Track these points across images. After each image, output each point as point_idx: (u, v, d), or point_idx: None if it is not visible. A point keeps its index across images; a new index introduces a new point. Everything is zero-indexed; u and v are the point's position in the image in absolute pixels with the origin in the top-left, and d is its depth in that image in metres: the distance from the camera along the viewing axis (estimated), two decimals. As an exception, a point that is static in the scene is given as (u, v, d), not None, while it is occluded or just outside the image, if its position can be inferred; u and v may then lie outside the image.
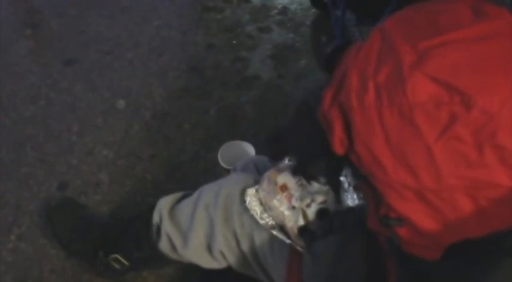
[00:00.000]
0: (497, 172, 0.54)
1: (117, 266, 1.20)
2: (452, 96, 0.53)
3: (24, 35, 1.98)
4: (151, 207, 1.16)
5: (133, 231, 1.18)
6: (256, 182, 1.00)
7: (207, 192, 1.07)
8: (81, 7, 2.10)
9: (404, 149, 0.56)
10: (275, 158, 1.01)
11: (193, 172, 1.53)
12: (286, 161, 0.97)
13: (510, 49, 0.55)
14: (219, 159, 1.37)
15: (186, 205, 1.10)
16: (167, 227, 1.10)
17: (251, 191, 0.97)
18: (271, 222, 0.95)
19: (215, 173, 1.43)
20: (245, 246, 1.00)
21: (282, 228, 0.94)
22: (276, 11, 2.14)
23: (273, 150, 1.02)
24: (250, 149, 1.41)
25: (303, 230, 0.91)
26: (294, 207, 0.93)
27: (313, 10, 2.12)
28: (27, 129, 1.63)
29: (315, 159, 0.88)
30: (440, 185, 0.56)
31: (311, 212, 0.91)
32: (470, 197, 0.56)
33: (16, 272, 1.29)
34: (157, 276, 1.29)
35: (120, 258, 1.19)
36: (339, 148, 0.65)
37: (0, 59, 1.86)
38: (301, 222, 0.91)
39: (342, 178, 0.90)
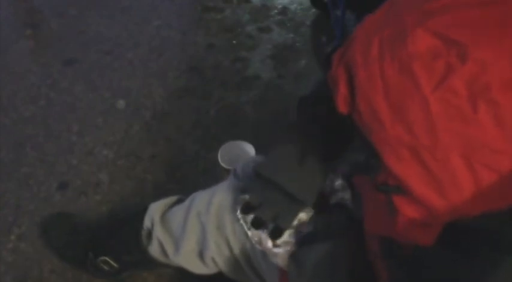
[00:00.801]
0: (491, 132, 0.54)
1: (106, 267, 1.21)
2: (449, 48, 0.54)
3: (24, 35, 1.98)
4: (142, 211, 1.16)
5: (123, 234, 1.18)
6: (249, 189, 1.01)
7: (199, 199, 1.07)
8: (81, 7, 2.10)
9: (402, 103, 0.57)
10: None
11: (193, 172, 1.53)
12: None
13: (510, 12, 0.56)
14: (219, 159, 1.37)
15: (178, 212, 1.10)
16: (159, 233, 1.11)
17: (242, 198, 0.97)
18: (257, 236, 0.95)
19: (215, 173, 1.43)
20: (238, 253, 1.00)
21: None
22: (276, 11, 2.14)
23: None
24: (250, 149, 1.41)
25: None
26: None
27: (313, 10, 2.12)
28: (27, 129, 1.63)
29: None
30: (435, 141, 0.56)
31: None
32: (465, 160, 0.55)
33: (16, 272, 1.29)
34: (157, 276, 1.29)
35: (109, 260, 1.20)
36: (342, 106, 0.66)
37: (0, 59, 1.86)
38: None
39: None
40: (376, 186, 0.67)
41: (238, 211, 0.96)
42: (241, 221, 0.95)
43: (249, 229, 0.92)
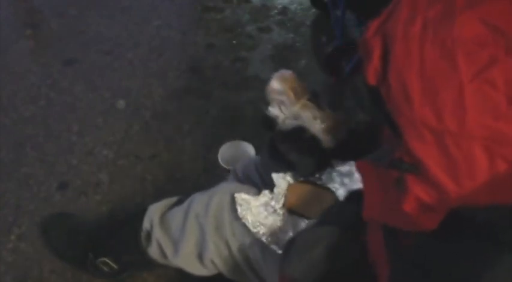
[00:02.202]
0: None
1: (105, 268, 1.21)
2: (497, 39, 0.53)
3: (24, 35, 1.98)
4: (142, 212, 1.16)
5: (123, 235, 1.18)
6: (247, 190, 1.02)
7: (198, 201, 1.07)
8: (81, 7, 2.10)
9: (436, 85, 0.56)
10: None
11: (193, 172, 1.53)
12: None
13: None
14: (219, 159, 1.38)
15: (177, 213, 1.10)
16: (158, 235, 1.11)
17: (240, 198, 0.98)
18: (262, 231, 0.95)
19: (215, 173, 1.43)
20: (237, 254, 1.01)
21: (273, 236, 0.95)
22: (276, 11, 2.14)
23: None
24: (250, 149, 1.41)
25: None
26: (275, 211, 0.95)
27: (313, 10, 2.12)
28: (27, 129, 1.63)
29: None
30: (462, 130, 0.55)
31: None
32: (488, 152, 0.55)
33: (16, 272, 1.29)
34: (157, 277, 1.29)
35: (108, 261, 1.20)
36: (372, 77, 0.64)
37: (0, 59, 1.86)
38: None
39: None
40: (391, 163, 0.66)
41: (239, 209, 0.96)
42: (243, 220, 0.96)
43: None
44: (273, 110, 0.99)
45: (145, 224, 1.14)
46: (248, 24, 2.07)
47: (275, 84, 0.98)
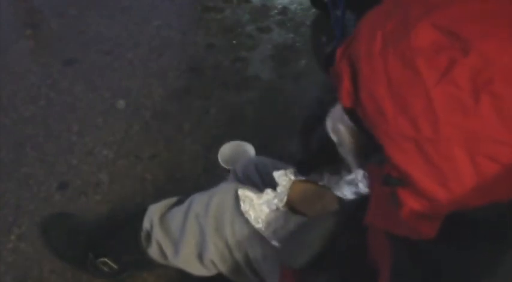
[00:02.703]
0: (492, 124, 0.55)
1: (105, 268, 1.21)
2: (452, 42, 0.55)
3: (24, 35, 1.98)
4: (142, 212, 1.16)
5: (123, 235, 1.18)
6: (248, 189, 1.02)
7: (198, 201, 1.07)
8: (81, 7, 2.10)
9: (404, 96, 0.58)
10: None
11: (193, 172, 1.53)
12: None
13: (508, 6, 0.57)
14: (219, 159, 1.38)
15: (177, 214, 1.10)
16: (158, 235, 1.11)
17: (243, 194, 0.98)
18: (264, 227, 0.96)
19: (215, 173, 1.43)
20: (237, 254, 1.01)
21: (274, 233, 0.95)
22: (276, 11, 2.14)
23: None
24: (250, 149, 1.41)
25: None
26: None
27: (313, 10, 2.12)
28: (27, 129, 1.63)
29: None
30: (437, 135, 0.56)
31: None
32: (468, 152, 0.56)
33: (16, 272, 1.29)
34: (157, 277, 1.29)
35: (108, 261, 1.20)
36: (346, 100, 0.66)
37: (0, 59, 1.86)
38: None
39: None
40: (382, 179, 0.67)
41: (242, 204, 0.96)
42: (245, 215, 0.96)
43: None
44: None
45: (145, 224, 1.14)
46: (248, 24, 2.07)
47: (341, 129, 0.95)
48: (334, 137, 0.90)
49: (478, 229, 0.63)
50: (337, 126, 0.89)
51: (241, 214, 0.98)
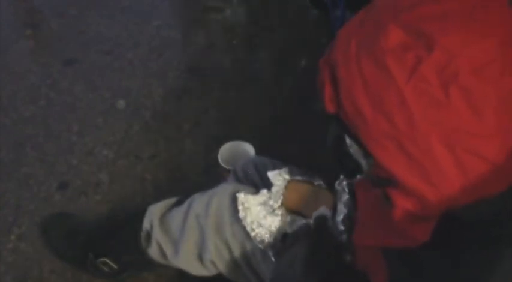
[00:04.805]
0: (464, 116, 0.56)
1: (105, 269, 1.21)
2: (417, 40, 0.58)
3: (24, 35, 1.98)
4: (142, 212, 1.16)
5: (123, 235, 1.19)
6: (246, 190, 1.01)
7: (198, 202, 1.07)
8: (81, 7, 2.09)
9: (380, 96, 0.60)
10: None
11: (193, 172, 1.53)
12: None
13: (475, 4, 0.60)
14: (219, 160, 1.37)
15: (177, 214, 1.10)
16: (158, 235, 1.11)
17: (241, 198, 0.98)
18: (260, 232, 0.96)
19: (215, 173, 1.43)
20: (238, 255, 1.01)
21: (270, 238, 0.95)
22: (275, 11, 2.14)
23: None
24: (250, 149, 1.41)
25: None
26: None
27: (313, 10, 2.11)
28: (27, 129, 1.63)
29: None
30: (414, 130, 0.58)
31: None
32: (447, 146, 0.57)
33: (16, 272, 1.29)
34: (157, 276, 1.29)
35: (108, 261, 1.20)
36: (329, 105, 0.69)
37: (0, 59, 1.86)
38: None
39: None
40: (372, 181, 0.69)
41: (240, 211, 0.96)
42: (243, 222, 0.96)
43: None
44: None
45: (145, 224, 1.14)
46: (248, 24, 2.07)
47: None
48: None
49: (472, 231, 0.63)
50: None
51: (239, 219, 0.98)
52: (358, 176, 0.84)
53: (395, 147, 0.60)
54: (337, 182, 0.92)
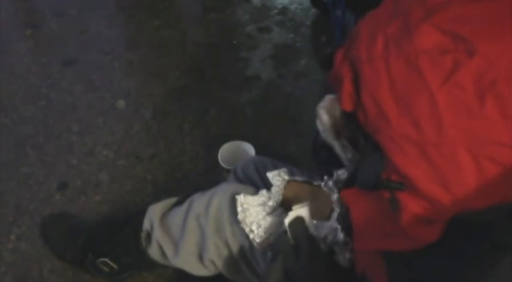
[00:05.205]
0: (497, 126, 0.55)
1: (106, 269, 1.21)
2: (456, 44, 0.55)
3: (24, 35, 1.98)
4: (142, 212, 1.16)
5: (123, 236, 1.18)
6: (246, 190, 1.01)
7: (198, 202, 1.07)
8: (81, 7, 2.10)
9: (408, 98, 0.58)
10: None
11: (193, 172, 1.53)
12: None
13: (507, 7, 0.58)
14: (219, 160, 1.37)
15: (177, 214, 1.10)
16: (158, 235, 1.11)
17: (241, 200, 0.98)
18: (259, 233, 0.95)
19: (215, 173, 1.43)
20: (237, 254, 1.01)
21: (269, 238, 0.95)
22: (276, 11, 2.14)
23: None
24: (250, 149, 1.41)
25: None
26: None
27: (313, 10, 2.12)
28: (27, 129, 1.63)
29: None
30: (442, 137, 0.56)
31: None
32: (471, 154, 0.56)
33: (16, 272, 1.29)
34: (157, 276, 1.29)
35: (108, 261, 1.20)
36: (347, 103, 0.66)
37: (0, 59, 1.86)
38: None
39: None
40: (380, 184, 0.66)
41: (239, 212, 0.96)
42: (242, 224, 0.96)
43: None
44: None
45: (146, 225, 1.14)
46: (248, 24, 2.07)
47: (324, 117, 0.93)
48: (318, 125, 0.89)
49: (472, 235, 0.62)
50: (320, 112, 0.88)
51: (238, 221, 0.98)
52: (340, 173, 0.83)
53: (417, 152, 0.58)
54: (322, 184, 0.90)
